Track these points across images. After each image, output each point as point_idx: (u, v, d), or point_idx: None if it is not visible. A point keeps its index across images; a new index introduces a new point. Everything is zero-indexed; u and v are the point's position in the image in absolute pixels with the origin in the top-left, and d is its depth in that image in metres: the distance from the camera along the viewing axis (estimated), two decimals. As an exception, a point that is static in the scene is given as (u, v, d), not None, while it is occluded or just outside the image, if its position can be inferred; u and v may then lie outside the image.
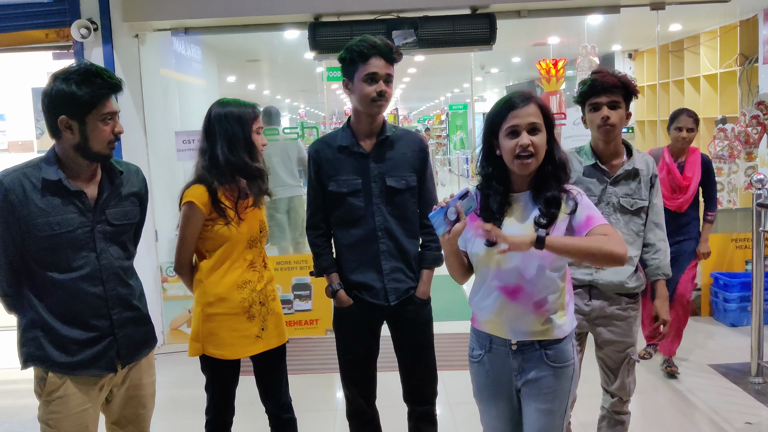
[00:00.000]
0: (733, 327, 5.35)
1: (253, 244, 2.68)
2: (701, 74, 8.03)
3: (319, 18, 5.19)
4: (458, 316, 5.59)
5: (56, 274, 2.21)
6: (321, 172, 2.75)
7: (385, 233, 2.72)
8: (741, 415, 3.81)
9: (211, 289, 2.64)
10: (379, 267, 2.73)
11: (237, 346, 2.67)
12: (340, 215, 2.75)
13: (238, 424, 2.88)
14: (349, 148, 2.72)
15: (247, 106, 2.68)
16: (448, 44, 5.19)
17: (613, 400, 2.93)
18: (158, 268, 5.44)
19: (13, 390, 4.74)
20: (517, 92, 2.17)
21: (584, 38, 7.39)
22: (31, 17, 4.79)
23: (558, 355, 2.19)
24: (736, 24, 7.20)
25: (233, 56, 8.44)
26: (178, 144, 5.24)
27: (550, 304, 2.16)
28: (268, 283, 2.74)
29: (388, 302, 2.75)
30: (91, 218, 2.25)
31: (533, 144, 2.08)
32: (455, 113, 21.02)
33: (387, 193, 2.71)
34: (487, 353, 2.27)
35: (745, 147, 5.70)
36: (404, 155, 2.75)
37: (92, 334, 2.27)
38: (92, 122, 2.18)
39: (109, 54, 4.87)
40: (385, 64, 2.62)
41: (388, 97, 2.66)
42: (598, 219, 2.13)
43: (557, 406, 2.22)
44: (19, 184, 2.18)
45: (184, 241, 2.65)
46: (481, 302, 2.24)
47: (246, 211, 2.66)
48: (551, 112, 2.21)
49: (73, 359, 2.25)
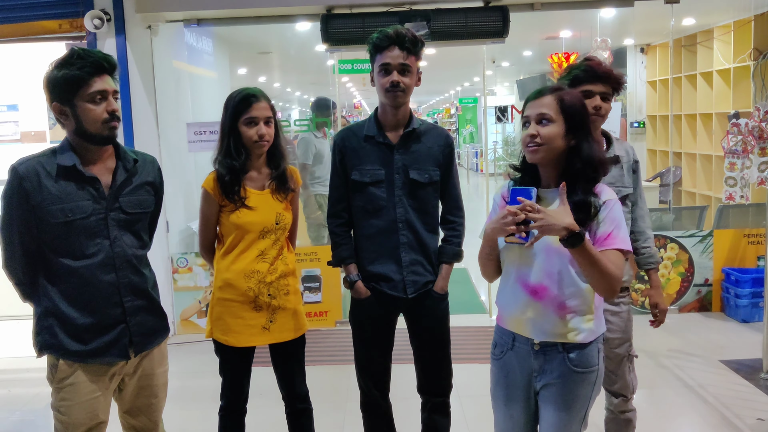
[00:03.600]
0: (744, 323, 5.32)
1: (266, 234, 2.67)
2: (714, 69, 7.97)
3: (331, 10, 5.19)
4: (468, 309, 5.59)
5: (70, 261, 2.23)
6: (345, 161, 2.76)
7: (405, 225, 2.72)
8: (752, 411, 3.79)
9: (220, 273, 2.70)
10: (398, 259, 2.73)
11: (242, 334, 2.68)
12: (361, 205, 2.76)
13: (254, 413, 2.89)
14: (374, 138, 2.73)
15: (243, 95, 2.63)
16: (460, 37, 5.17)
17: (617, 400, 2.88)
18: (169, 259, 5.46)
19: (26, 378, 4.77)
20: (547, 86, 2.15)
21: (597, 32, 7.34)
22: (44, 7, 4.81)
23: (581, 360, 2.13)
24: (750, 18, 7.13)
25: (245, 48, 8.43)
26: (189, 135, 5.26)
27: (575, 306, 2.10)
28: (281, 276, 2.71)
29: (407, 294, 2.75)
30: (104, 205, 2.26)
31: (539, 134, 2.05)
32: (465, 107, 20.97)
33: (409, 186, 2.71)
34: (509, 351, 2.23)
35: (758, 142, 5.65)
36: (429, 149, 2.74)
37: (104, 321, 2.29)
38: (80, 104, 2.18)
39: (122, 45, 4.88)
40: (401, 54, 2.61)
41: (405, 88, 2.64)
42: (617, 240, 2.05)
43: (575, 411, 2.16)
44: (33, 171, 2.20)
45: (201, 224, 2.75)
46: (506, 300, 2.22)
47: (259, 201, 2.67)
48: (576, 106, 2.10)
49: (86, 347, 2.27)
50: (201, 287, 5.50)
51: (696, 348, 4.83)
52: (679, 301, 5.63)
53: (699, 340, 5.01)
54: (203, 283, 5.49)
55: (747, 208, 5.84)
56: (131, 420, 2.50)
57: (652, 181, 8.93)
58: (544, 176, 2.16)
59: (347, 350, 2.88)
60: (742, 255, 5.59)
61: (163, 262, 5.38)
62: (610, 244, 2.05)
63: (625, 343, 2.81)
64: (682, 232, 5.65)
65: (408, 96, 2.68)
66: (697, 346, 4.88)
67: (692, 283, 5.62)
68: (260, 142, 2.61)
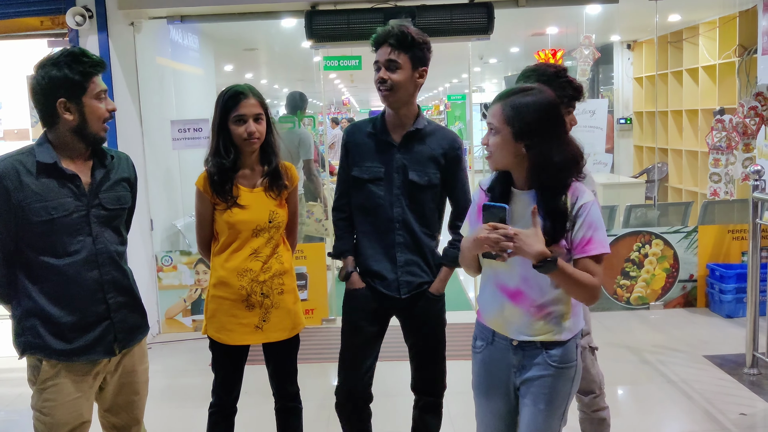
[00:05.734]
0: (729, 318, 5.34)
1: (259, 233, 2.65)
2: (700, 65, 8.00)
3: (315, 6, 5.17)
4: (455, 306, 5.59)
5: (52, 259, 2.22)
6: (349, 156, 2.76)
7: (402, 225, 2.70)
8: (735, 406, 3.81)
9: (215, 271, 2.69)
10: (393, 258, 2.72)
11: (234, 332, 2.67)
12: (360, 201, 2.75)
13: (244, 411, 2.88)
14: (378, 135, 2.71)
15: (232, 93, 2.60)
16: (445, 33, 5.17)
17: (587, 398, 2.80)
18: (153, 257, 5.42)
19: (9, 378, 4.73)
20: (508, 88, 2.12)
21: (583, 28, 7.35)
22: (26, 4, 4.75)
23: (560, 356, 2.14)
24: (735, 14, 7.16)
25: (230, 45, 8.40)
26: (173, 133, 5.22)
27: (552, 309, 2.11)
28: (275, 275, 2.69)
29: (400, 294, 2.73)
30: (85, 202, 2.26)
31: (489, 143, 2.07)
32: (454, 104, 20.96)
33: (408, 186, 2.68)
34: (489, 345, 2.24)
35: (743, 138, 5.68)
36: (432, 151, 2.70)
37: (89, 318, 2.28)
38: (88, 101, 2.22)
39: (104, 42, 4.84)
40: (387, 50, 2.59)
41: (392, 84, 2.59)
42: (595, 245, 2.03)
43: (555, 407, 2.17)
44: (13, 169, 2.18)
45: (197, 223, 2.75)
46: (486, 301, 2.24)
47: (251, 199, 2.65)
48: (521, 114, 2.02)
49: (71, 346, 2.25)
50: (186, 285, 5.46)
51: (680, 343, 4.85)
52: (664, 296, 5.65)
53: (683, 335, 5.04)
54: (188, 282, 5.46)
55: (731, 204, 5.86)
56: (112, 418, 2.49)
57: (638, 177, 8.97)
58: (515, 178, 2.15)
59: (333, 348, 2.86)
60: (727, 251, 5.61)
61: (148, 261, 5.34)
62: (588, 251, 2.04)
63: (586, 334, 2.73)
64: (667, 228, 5.67)
65: (398, 94, 2.61)
66: (681, 341, 4.90)
67: (677, 279, 5.64)
68: (249, 139, 2.57)
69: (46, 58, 2.22)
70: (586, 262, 2.04)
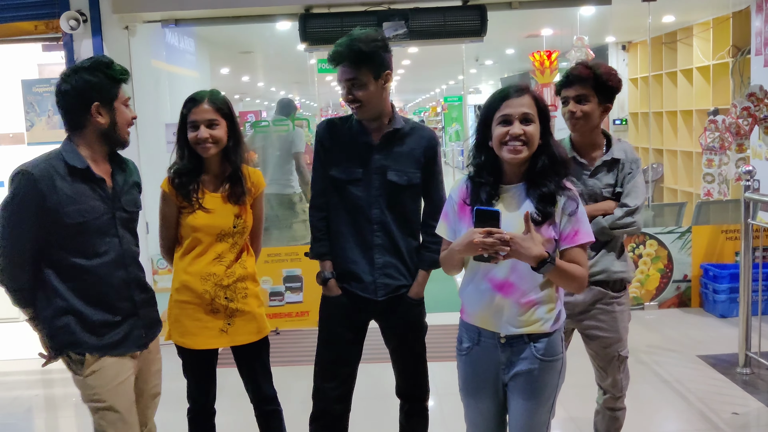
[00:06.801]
0: (722, 318, 5.37)
1: (223, 238, 2.67)
2: (694, 66, 8.03)
3: (309, 9, 5.18)
4: (449, 307, 5.60)
5: (83, 260, 2.32)
6: (326, 154, 2.71)
7: (381, 227, 2.66)
8: (728, 406, 3.83)
9: (178, 275, 2.71)
10: (371, 260, 2.68)
11: (199, 336, 2.68)
12: (338, 202, 2.71)
13: (228, 414, 2.88)
14: (355, 136, 2.67)
15: (186, 99, 2.67)
16: (438, 36, 5.19)
17: (606, 396, 2.93)
18: (149, 260, 5.43)
19: (5, 382, 4.74)
20: (514, 84, 2.19)
21: (577, 30, 7.37)
22: (20, 8, 4.78)
23: (547, 349, 2.19)
24: (729, 15, 7.19)
25: (226, 48, 8.41)
26: (168, 136, 5.23)
27: (538, 298, 2.16)
28: (239, 280, 2.70)
29: (377, 296, 2.69)
30: (111, 205, 2.39)
31: (526, 133, 2.10)
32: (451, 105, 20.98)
33: (387, 187, 2.65)
34: (476, 346, 2.26)
35: (736, 138, 5.70)
36: (412, 150, 2.67)
37: (117, 316, 2.40)
38: (118, 107, 2.36)
39: (98, 46, 4.86)
40: (347, 70, 2.53)
41: (360, 102, 2.56)
42: (582, 236, 2.16)
43: (543, 400, 2.21)
44: (48, 173, 2.27)
45: (161, 225, 2.76)
46: (471, 295, 2.25)
47: (215, 204, 2.66)
48: (546, 105, 2.21)
49: (103, 341, 2.36)
50: (182, 288, 5.46)
51: (674, 343, 4.87)
52: (658, 297, 5.67)
53: (677, 335, 5.06)
54: (184, 284, 5.45)
55: (725, 205, 5.88)
56: None
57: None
58: (509, 173, 2.19)
59: None
60: (720, 251, 5.64)
61: (144, 263, 5.32)
62: (576, 241, 2.16)
63: (615, 343, 2.80)
64: (661, 228, 5.69)
65: (369, 106, 2.59)
66: (675, 341, 4.92)
67: (671, 279, 5.67)
68: (202, 145, 2.60)
69: (78, 65, 2.34)
70: (574, 251, 2.16)
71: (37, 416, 4.29)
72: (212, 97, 2.64)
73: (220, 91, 2.73)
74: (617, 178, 2.76)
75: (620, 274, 2.78)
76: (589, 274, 2.72)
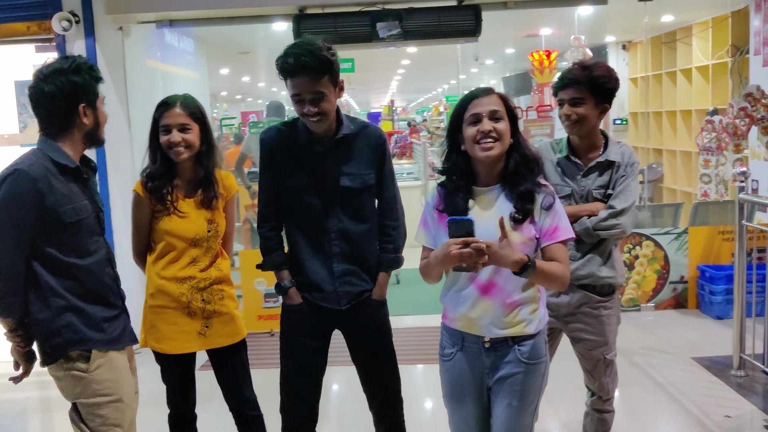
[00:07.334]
0: (719, 320, 5.33)
1: (197, 243, 2.65)
2: (693, 66, 7.99)
3: (303, 10, 5.17)
4: (434, 310, 5.58)
5: (77, 260, 2.32)
6: (274, 163, 2.60)
7: (338, 235, 2.58)
8: (721, 409, 3.80)
9: (152, 281, 2.68)
10: (330, 269, 2.60)
11: (177, 340, 2.66)
12: (292, 212, 2.63)
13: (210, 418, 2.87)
14: (304, 144, 2.56)
15: (158, 103, 2.66)
16: (433, 36, 5.18)
17: (593, 398, 2.93)
18: (144, 262, 5.42)
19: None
20: (479, 87, 2.20)
21: (575, 30, 7.35)
22: (12, 9, 4.77)
23: (531, 352, 2.18)
24: (728, 15, 7.16)
25: (225, 48, 8.41)
26: (162, 137, 5.22)
27: (522, 298, 2.15)
28: (215, 282, 2.69)
29: (340, 306, 2.61)
30: (94, 205, 2.41)
31: (496, 130, 2.10)
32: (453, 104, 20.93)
33: (342, 194, 2.56)
34: (459, 351, 2.25)
35: (733, 139, 5.68)
36: (362, 152, 2.59)
37: (113, 311, 2.43)
38: (99, 108, 2.38)
39: (91, 46, 4.85)
40: (309, 82, 2.37)
41: (326, 112, 2.44)
42: (562, 232, 2.15)
43: (528, 403, 2.21)
44: (44, 172, 2.26)
45: (133, 229, 2.74)
46: (453, 299, 2.23)
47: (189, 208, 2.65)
48: (514, 106, 2.21)
49: (107, 336, 2.38)
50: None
51: (669, 345, 4.84)
52: (655, 298, 5.64)
53: (673, 337, 5.02)
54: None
55: (722, 205, 5.84)
56: None
57: (634, 178, 8.95)
58: (483, 174, 2.19)
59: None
60: (717, 252, 5.59)
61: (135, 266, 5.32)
62: (556, 237, 2.16)
63: (601, 346, 2.79)
64: (657, 229, 5.65)
65: (329, 117, 2.48)
66: (670, 343, 4.89)
67: (668, 280, 5.63)
68: (174, 149, 2.58)
69: (56, 66, 2.30)
70: (554, 248, 2.15)
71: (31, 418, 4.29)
72: (185, 101, 2.63)
73: (193, 96, 2.71)
74: (611, 179, 2.73)
75: (607, 280, 2.75)
76: (574, 278, 2.71)
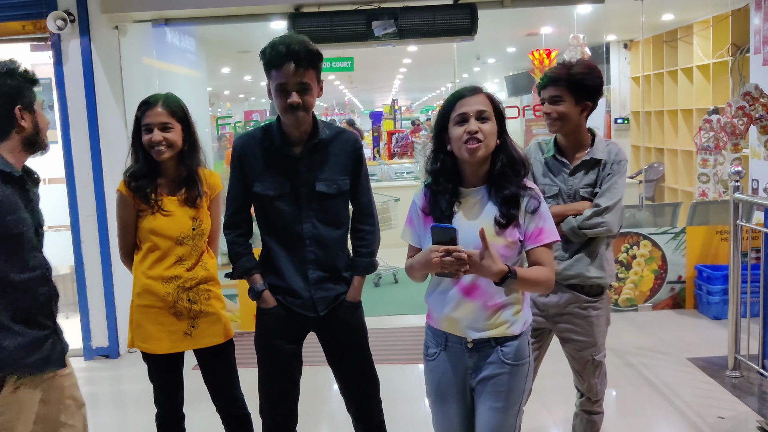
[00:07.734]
0: (716, 320, 5.30)
1: (182, 241, 2.65)
2: (694, 64, 7.95)
3: (299, 8, 5.17)
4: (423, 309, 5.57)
5: (14, 275, 2.15)
6: (245, 170, 2.56)
7: (313, 241, 2.55)
8: (714, 410, 3.77)
9: (138, 280, 2.68)
10: (305, 275, 2.57)
11: (163, 340, 2.65)
12: (265, 219, 2.59)
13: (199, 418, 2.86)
14: (278, 149, 2.53)
15: (140, 102, 2.65)
16: (428, 35, 5.16)
17: (582, 399, 2.93)
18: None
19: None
20: (466, 86, 2.17)
21: (574, 28, 7.32)
22: (7, 8, 4.77)
23: (514, 353, 2.17)
24: (728, 13, 7.12)
25: (224, 47, 8.40)
26: (158, 136, 5.22)
27: (505, 300, 2.14)
28: (201, 282, 2.68)
29: (317, 313, 2.59)
30: (34, 218, 2.25)
31: (481, 130, 2.07)
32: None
33: (317, 199, 2.54)
34: (443, 351, 2.24)
35: (731, 138, 5.64)
36: (337, 158, 2.56)
37: (43, 332, 2.23)
38: (38, 112, 2.26)
39: (86, 46, 4.85)
40: (297, 72, 2.35)
41: (309, 106, 2.43)
42: (547, 235, 2.14)
43: (511, 404, 2.19)
44: None
45: (119, 229, 2.72)
46: (437, 299, 2.22)
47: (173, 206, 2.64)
48: (501, 106, 2.18)
49: (32, 359, 2.19)
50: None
51: (665, 346, 4.81)
52: (652, 298, 5.61)
53: (670, 337, 5.00)
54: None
55: (720, 205, 5.80)
56: None
57: (635, 177, 8.92)
58: (469, 175, 2.17)
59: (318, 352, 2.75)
60: (715, 252, 5.56)
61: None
62: (541, 240, 2.15)
63: (590, 347, 2.78)
64: (655, 229, 5.62)
65: (310, 113, 2.48)
66: (666, 343, 4.86)
67: (665, 280, 5.60)
68: (156, 148, 2.58)
69: None
70: (539, 251, 2.14)
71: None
72: (166, 100, 2.63)
73: (176, 95, 2.71)
74: (597, 178, 2.72)
75: (596, 280, 2.73)
76: (563, 278, 2.70)
